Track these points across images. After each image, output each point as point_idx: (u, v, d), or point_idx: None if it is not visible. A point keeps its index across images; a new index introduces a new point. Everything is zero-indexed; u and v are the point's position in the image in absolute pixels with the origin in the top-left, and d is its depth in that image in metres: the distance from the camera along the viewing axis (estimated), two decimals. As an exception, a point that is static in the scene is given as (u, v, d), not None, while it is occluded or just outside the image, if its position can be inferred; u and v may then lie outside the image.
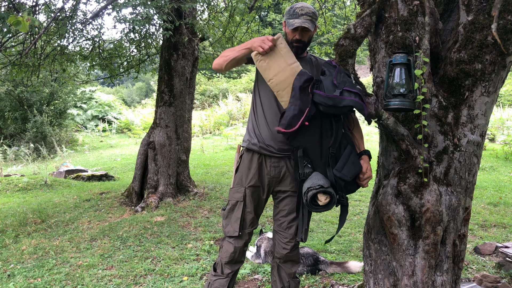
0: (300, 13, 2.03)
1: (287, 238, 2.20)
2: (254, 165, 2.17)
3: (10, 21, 1.87)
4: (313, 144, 1.85)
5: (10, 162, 11.02)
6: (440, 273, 1.89)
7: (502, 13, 1.76)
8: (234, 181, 2.23)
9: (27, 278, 3.20)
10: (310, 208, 1.85)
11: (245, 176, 2.18)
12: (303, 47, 2.10)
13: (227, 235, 2.16)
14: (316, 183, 1.79)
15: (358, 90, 1.74)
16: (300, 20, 2.01)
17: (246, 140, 2.21)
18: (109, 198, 5.90)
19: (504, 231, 4.26)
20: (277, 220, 2.24)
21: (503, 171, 7.86)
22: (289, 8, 2.08)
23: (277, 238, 2.24)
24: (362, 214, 4.94)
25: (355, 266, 3.13)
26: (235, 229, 2.13)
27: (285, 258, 2.23)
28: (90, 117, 17.15)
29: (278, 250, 2.24)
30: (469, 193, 1.97)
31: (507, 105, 15.32)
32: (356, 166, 1.88)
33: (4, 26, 3.73)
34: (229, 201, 2.20)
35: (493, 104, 1.93)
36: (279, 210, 2.23)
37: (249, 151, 2.19)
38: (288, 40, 2.10)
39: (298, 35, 2.06)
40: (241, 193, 2.16)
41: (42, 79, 11.85)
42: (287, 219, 2.20)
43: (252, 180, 2.16)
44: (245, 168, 2.19)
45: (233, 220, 2.15)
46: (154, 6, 4.26)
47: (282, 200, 2.22)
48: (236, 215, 2.15)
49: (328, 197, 1.80)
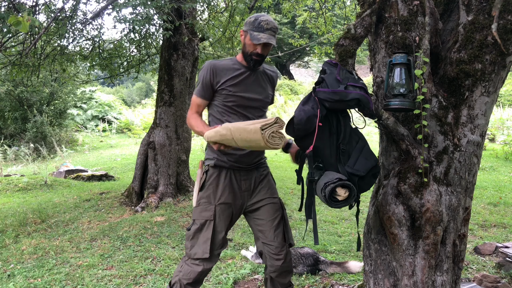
0: (265, 27, 1.99)
1: (278, 247, 2.10)
2: (223, 181, 2.07)
3: (10, 21, 1.87)
4: (322, 142, 1.79)
5: (10, 162, 11.03)
6: (440, 273, 1.89)
7: (502, 13, 1.77)
8: (198, 200, 2.09)
9: (27, 278, 3.20)
10: (329, 205, 1.73)
11: (213, 193, 2.06)
12: (261, 61, 2.08)
13: (194, 257, 2.02)
14: (333, 177, 1.71)
15: (362, 85, 1.73)
16: (266, 36, 1.97)
17: (212, 157, 2.10)
18: (109, 198, 5.90)
19: (504, 231, 4.26)
20: (261, 232, 2.13)
21: (503, 171, 7.86)
22: (254, 20, 2.01)
23: (267, 250, 2.12)
24: (362, 214, 4.94)
25: (355, 266, 3.13)
26: (205, 251, 2.00)
27: (280, 270, 2.11)
28: (90, 117, 17.14)
29: (272, 263, 2.11)
30: (469, 193, 1.97)
31: (507, 105, 15.33)
32: (369, 160, 1.79)
33: (4, 26, 3.73)
34: (195, 221, 2.06)
35: (493, 104, 1.93)
36: (261, 221, 2.13)
37: (216, 167, 2.09)
38: (247, 51, 2.05)
39: (260, 49, 2.01)
40: (210, 211, 2.03)
41: (42, 79, 11.84)
42: (272, 227, 2.11)
43: (222, 197, 2.06)
44: (213, 185, 2.07)
45: (201, 241, 2.02)
46: (154, 6, 4.26)
47: (260, 210, 2.14)
48: (206, 235, 2.02)
49: (347, 190, 1.70)
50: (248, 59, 2.06)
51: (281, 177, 7.22)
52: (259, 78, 2.16)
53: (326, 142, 1.79)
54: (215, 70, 2.06)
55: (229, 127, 1.82)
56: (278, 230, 2.12)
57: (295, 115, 1.78)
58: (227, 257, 3.48)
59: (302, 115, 1.75)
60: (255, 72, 2.13)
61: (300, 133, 1.78)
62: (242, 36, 2.08)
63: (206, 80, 2.06)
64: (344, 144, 1.80)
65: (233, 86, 2.07)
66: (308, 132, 1.76)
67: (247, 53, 2.05)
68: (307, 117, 1.74)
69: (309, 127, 1.75)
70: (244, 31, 2.07)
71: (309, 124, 1.75)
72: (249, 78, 2.11)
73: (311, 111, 1.76)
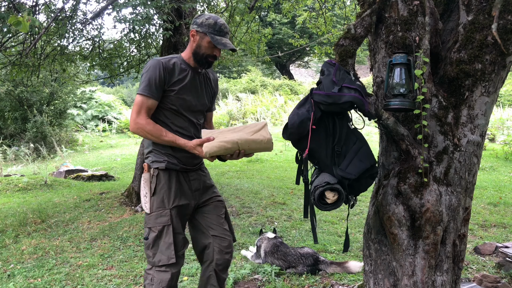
0: (225, 31, 2.00)
1: (227, 241, 2.15)
2: (175, 184, 2.05)
3: (11, 21, 1.87)
4: (318, 144, 1.80)
5: (10, 162, 11.02)
6: (440, 273, 1.90)
7: (502, 13, 1.77)
8: (151, 206, 2.02)
9: (27, 278, 3.20)
10: (319, 207, 1.76)
11: (167, 197, 2.02)
12: (212, 63, 2.08)
13: (159, 264, 1.98)
14: (322, 180, 1.73)
15: (357, 86, 1.72)
16: (227, 41, 1.99)
17: (162, 160, 2.03)
18: (109, 198, 5.90)
19: (504, 231, 4.26)
20: (211, 227, 2.15)
21: (503, 171, 7.87)
22: (214, 22, 1.98)
23: (218, 244, 2.13)
24: (362, 214, 4.94)
25: (355, 266, 3.13)
26: (170, 256, 1.97)
27: (226, 263, 2.15)
28: (90, 117, 17.14)
29: (221, 257, 2.13)
30: (469, 193, 1.97)
31: (507, 105, 15.34)
32: (364, 162, 1.78)
33: (4, 26, 3.73)
34: (151, 228, 2.01)
35: (493, 104, 1.93)
36: (211, 215, 2.17)
37: (166, 170, 2.03)
38: (202, 53, 2.01)
39: (217, 52, 2.02)
40: (166, 216, 2.00)
41: (42, 79, 11.84)
42: (221, 223, 2.17)
43: (176, 200, 2.04)
44: (165, 188, 2.03)
45: (163, 248, 1.98)
46: (154, 6, 4.26)
47: (209, 206, 2.19)
48: (167, 240, 1.98)
49: (336, 194, 1.72)
50: (202, 61, 2.02)
51: (281, 177, 7.22)
52: (203, 80, 2.14)
53: (322, 144, 1.80)
54: (166, 69, 1.97)
55: (235, 140, 1.89)
56: (226, 226, 2.18)
57: (289, 119, 1.80)
58: (227, 257, 3.48)
59: (295, 119, 1.76)
60: (200, 74, 2.11)
61: (294, 136, 1.79)
62: (195, 36, 2.01)
63: (158, 78, 1.95)
64: (339, 146, 1.80)
65: (181, 87, 2.01)
66: (302, 136, 1.77)
67: (201, 55, 2.01)
68: (300, 120, 1.75)
69: (302, 130, 1.76)
70: (200, 32, 1.99)
71: (302, 128, 1.76)
72: (195, 79, 2.08)
73: (305, 114, 1.76)
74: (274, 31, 21.02)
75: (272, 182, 6.69)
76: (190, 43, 2.05)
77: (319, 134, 1.79)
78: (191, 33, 2.02)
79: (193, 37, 2.02)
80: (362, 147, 1.82)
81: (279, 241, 3.40)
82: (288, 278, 3.09)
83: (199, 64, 2.06)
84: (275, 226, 4.43)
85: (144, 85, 1.94)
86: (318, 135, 1.79)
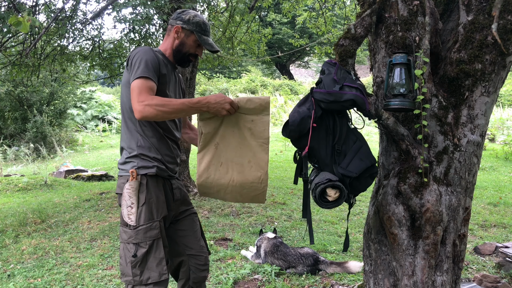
0: (209, 31, 1.97)
1: (203, 258, 2.05)
2: (162, 193, 1.89)
3: (11, 21, 1.87)
4: (318, 142, 1.80)
5: (10, 162, 11.03)
6: (440, 273, 1.90)
7: (502, 13, 1.77)
8: (138, 218, 1.79)
9: (27, 278, 3.20)
10: (319, 205, 1.73)
11: (155, 207, 1.84)
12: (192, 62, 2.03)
13: (148, 282, 1.77)
14: (324, 177, 1.72)
15: (358, 85, 1.72)
16: (212, 41, 1.96)
17: (149, 166, 1.85)
18: (109, 198, 5.90)
19: (504, 231, 4.27)
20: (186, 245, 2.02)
21: (503, 171, 7.87)
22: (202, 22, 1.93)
23: (194, 263, 2.03)
24: (362, 214, 4.94)
25: (355, 266, 3.13)
26: (162, 272, 1.79)
27: (203, 279, 2.06)
28: (90, 117, 17.15)
29: (197, 275, 2.03)
30: (469, 193, 1.97)
31: (507, 105, 15.34)
32: (364, 161, 1.76)
33: (4, 26, 3.73)
34: (140, 244, 1.78)
35: (493, 104, 1.93)
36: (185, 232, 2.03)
37: (153, 177, 1.85)
38: (185, 50, 1.94)
39: (200, 51, 1.97)
40: (156, 229, 1.81)
41: (42, 79, 11.85)
42: (197, 239, 2.05)
43: (164, 211, 1.88)
44: (154, 198, 1.84)
45: (153, 264, 1.79)
46: (154, 6, 4.26)
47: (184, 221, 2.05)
48: (157, 256, 1.80)
49: (337, 191, 1.70)
50: (183, 59, 1.97)
51: (281, 177, 7.22)
52: (178, 79, 2.09)
53: (322, 143, 1.80)
54: (157, 57, 1.85)
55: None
56: (202, 242, 2.07)
57: (290, 117, 1.79)
58: (227, 257, 3.48)
59: (296, 117, 1.75)
60: (175, 71, 2.06)
61: (294, 134, 1.78)
62: (179, 33, 1.92)
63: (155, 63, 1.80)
64: (339, 144, 1.79)
65: (167, 82, 1.90)
66: (302, 134, 1.76)
67: (184, 53, 1.94)
68: (301, 118, 1.74)
69: (303, 128, 1.75)
70: (186, 29, 1.92)
71: (302, 126, 1.75)
72: (173, 76, 2.02)
73: (306, 112, 1.76)
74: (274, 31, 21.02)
75: (272, 182, 6.70)
76: (171, 39, 1.94)
77: (319, 132, 1.79)
78: (174, 29, 1.91)
79: (177, 34, 1.92)
80: (362, 146, 1.81)
81: (279, 241, 3.40)
82: (288, 278, 3.09)
83: (179, 62, 1.99)
84: (275, 226, 4.43)
85: (142, 68, 1.74)
86: (319, 133, 1.79)
